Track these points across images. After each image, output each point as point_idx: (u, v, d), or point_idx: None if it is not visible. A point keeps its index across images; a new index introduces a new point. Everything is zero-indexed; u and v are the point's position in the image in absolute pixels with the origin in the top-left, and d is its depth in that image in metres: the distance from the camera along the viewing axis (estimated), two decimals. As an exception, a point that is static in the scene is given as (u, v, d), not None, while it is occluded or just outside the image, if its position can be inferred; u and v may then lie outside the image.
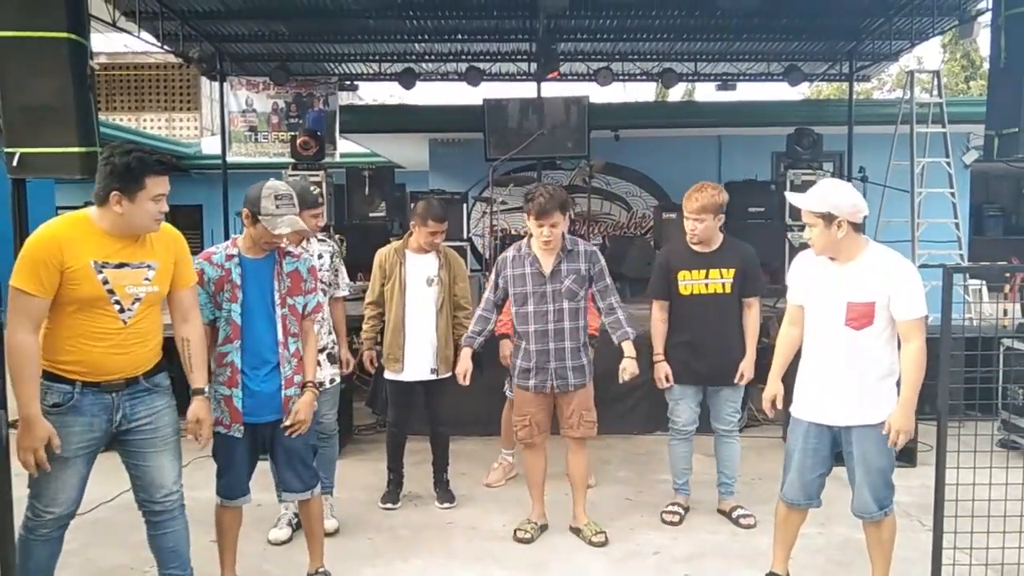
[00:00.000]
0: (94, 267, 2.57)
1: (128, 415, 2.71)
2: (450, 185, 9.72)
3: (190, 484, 4.33)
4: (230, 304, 3.04)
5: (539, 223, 3.64)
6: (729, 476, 4.14)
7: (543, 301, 3.72)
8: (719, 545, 3.79)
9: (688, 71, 10.50)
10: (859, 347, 2.95)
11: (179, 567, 2.88)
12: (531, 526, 3.88)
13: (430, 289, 4.25)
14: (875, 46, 9.56)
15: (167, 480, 2.79)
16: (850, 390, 2.98)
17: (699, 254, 3.98)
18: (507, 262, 3.81)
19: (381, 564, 3.61)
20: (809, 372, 3.11)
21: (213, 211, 11.23)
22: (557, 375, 3.74)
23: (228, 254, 3.09)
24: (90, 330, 2.60)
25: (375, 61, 10.47)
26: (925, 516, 3.76)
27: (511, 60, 10.33)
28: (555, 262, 3.72)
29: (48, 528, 2.66)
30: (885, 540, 3.10)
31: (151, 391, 2.76)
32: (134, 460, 2.77)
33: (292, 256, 3.20)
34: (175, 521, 2.84)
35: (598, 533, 3.80)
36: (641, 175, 11.39)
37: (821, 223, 2.92)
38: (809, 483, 3.12)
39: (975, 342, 4.48)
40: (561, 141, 8.64)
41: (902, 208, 8.75)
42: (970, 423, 3.31)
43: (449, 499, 4.35)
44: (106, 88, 17.52)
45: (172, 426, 2.82)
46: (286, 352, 3.10)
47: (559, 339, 3.72)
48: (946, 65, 20.36)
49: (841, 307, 2.95)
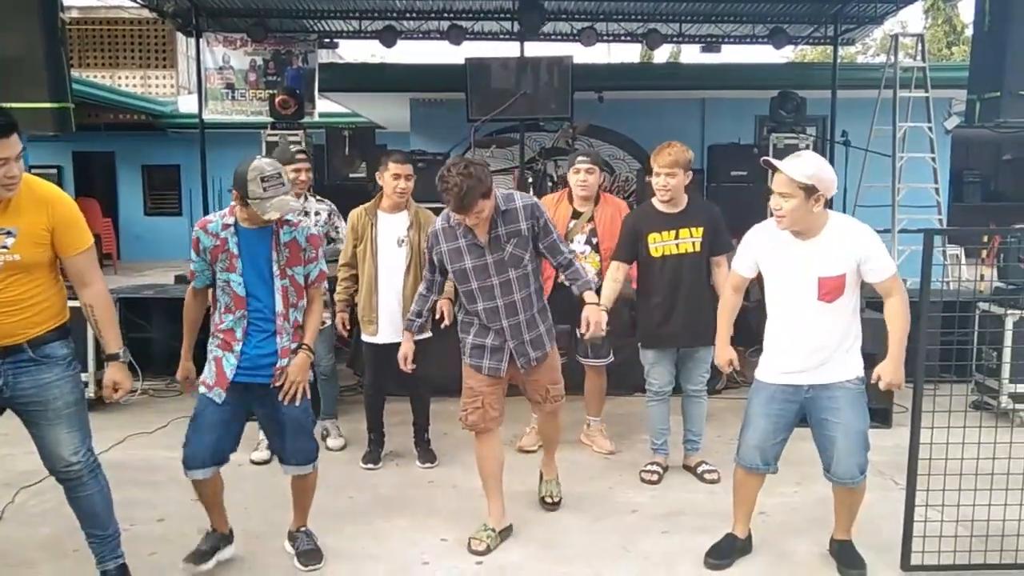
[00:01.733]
0: None
1: (11, 384, 2.65)
2: (431, 146, 9.64)
3: (169, 444, 4.34)
4: (228, 274, 2.98)
5: (461, 216, 3.17)
6: (696, 433, 4.23)
7: (486, 275, 3.27)
8: (697, 503, 3.84)
9: (673, 32, 10.39)
10: (830, 318, 2.97)
11: (97, 527, 2.87)
12: (487, 534, 3.37)
13: (400, 249, 4.21)
14: (860, 9, 9.51)
15: (64, 452, 2.73)
16: (824, 351, 2.99)
17: (667, 215, 3.98)
18: (438, 236, 3.34)
19: (363, 523, 3.63)
20: (777, 340, 3.09)
21: (191, 171, 11.08)
22: (517, 352, 3.37)
23: (224, 223, 3.00)
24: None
25: (355, 18, 10.27)
26: (899, 475, 3.84)
27: (494, 18, 10.17)
28: (490, 227, 3.24)
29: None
30: (856, 503, 3.15)
31: (39, 363, 2.67)
32: (30, 429, 2.75)
33: (290, 225, 3.08)
34: (85, 487, 2.80)
35: (551, 496, 3.75)
36: (624, 138, 11.35)
37: (802, 195, 2.85)
38: (769, 448, 3.12)
39: (952, 306, 4.53)
40: (544, 102, 8.55)
41: (883, 173, 8.79)
42: (945, 385, 3.36)
43: (430, 459, 4.37)
44: (79, 44, 17.10)
45: (65, 398, 2.72)
46: (286, 324, 3.03)
47: (511, 314, 3.31)
48: (929, 31, 20.33)
49: (813, 283, 2.94)
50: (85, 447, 2.79)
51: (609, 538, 3.49)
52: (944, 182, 9.37)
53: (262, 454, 4.31)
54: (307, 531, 3.31)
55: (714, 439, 4.59)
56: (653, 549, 3.40)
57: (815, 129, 9.84)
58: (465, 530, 3.50)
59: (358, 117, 13.37)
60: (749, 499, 3.27)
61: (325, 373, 4.61)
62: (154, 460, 4.28)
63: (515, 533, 3.52)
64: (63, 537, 3.33)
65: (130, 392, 2.88)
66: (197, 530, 3.28)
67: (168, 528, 3.51)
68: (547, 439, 3.86)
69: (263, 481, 4.02)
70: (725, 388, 5.67)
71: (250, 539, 3.41)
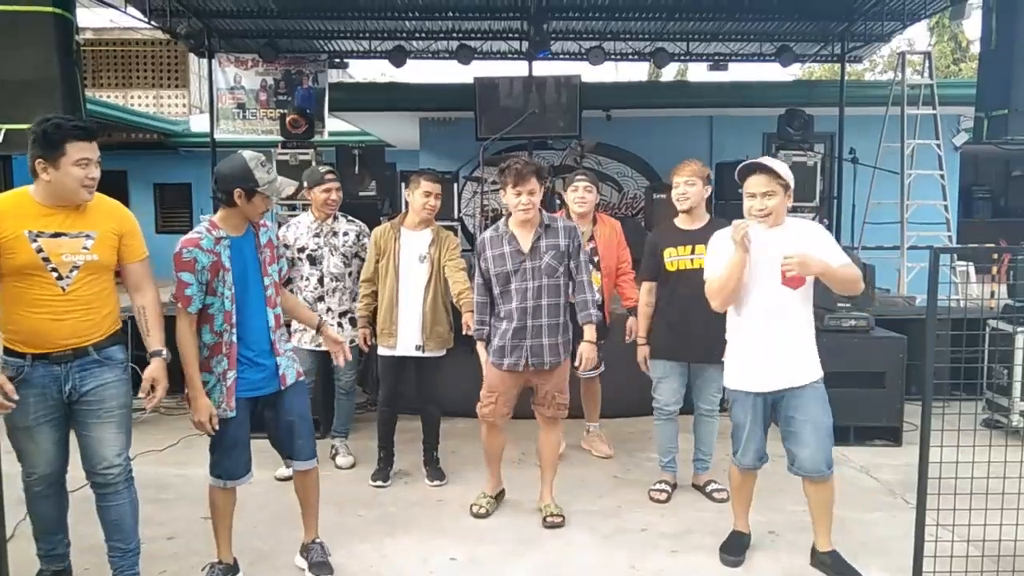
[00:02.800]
0: (28, 236, 2.69)
1: (77, 386, 2.80)
2: (441, 164, 9.66)
3: (179, 461, 4.35)
4: (223, 287, 3.01)
5: (516, 190, 3.61)
6: (705, 453, 4.24)
7: (523, 279, 3.68)
8: (706, 522, 3.83)
9: (680, 51, 10.43)
10: (793, 307, 3.20)
11: (121, 540, 2.95)
12: (486, 500, 3.94)
13: (422, 265, 4.27)
14: (867, 27, 9.54)
15: (108, 452, 2.86)
16: (790, 352, 3.21)
17: (685, 231, 4.06)
18: (486, 244, 3.77)
19: (372, 541, 3.63)
20: (744, 341, 3.30)
21: (202, 189, 11.16)
22: (532, 352, 3.69)
23: (216, 237, 3.01)
24: (30, 298, 2.72)
25: (365, 38, 10.36)
26: (909, 494, 3.82)
27: (503, 38, 10.24)
28: (533, 238, 3.69)
29: (39, 487, 2.88)
30: (828, 500, 3.33)
31: (101, 364, 2.84)
32: (79, 430, 2.86)
33: (263, 226, 3.20)
34: (119, 495, 2.91)
35: (553, 515, 3.81)
36: (632, 155, 11.37)
37: (782, 191, 3.16)
38: (760, 447, 3.38)
39: (961, 323, 4.51)
40: (552, 121, 8.60)
41: (892, 190, 8.78)
42: (955, 403, 3.35)
43: (439, 477, 4.38)
44: (92, 64, 17.31)
45: (118, 399, 2.88)
46: (268, 319, 3.13)
47: (536, 316, 3.68)
48: (935, 47, 20.34)
49: (776, 268, 3.14)
50: (127, 451, 2.93)
51: (618, 556, 3.48)
52: (953, 199, 9.34)
53: (347, 459, 4.62)
54: (320, 543, 3.36)
55: (724, 457, 4.54)
56: (662, 568, 3.39)
57: (823, 146, 9.84)
58: (474, 549, 3.51)
59: (368, 136, 13.45)
60: (748, 497, 3.53)
61: (345, 388, 4.70)
62: (165, 478, 4.28)
63: (525, 551, 3.53)
64: (73, 556, 3.34)
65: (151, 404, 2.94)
66: (206, 548, 3.28)
67: (178, 546, 3.52)
68: (544, 459, 3.95)
69: (270, 500, 4.02)
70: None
71: (258, 557, 3.41)
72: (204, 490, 3.19)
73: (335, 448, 4.70)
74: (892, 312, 5.86)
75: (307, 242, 4.56)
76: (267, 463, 3.95)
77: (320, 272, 4.55)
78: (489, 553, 3.52)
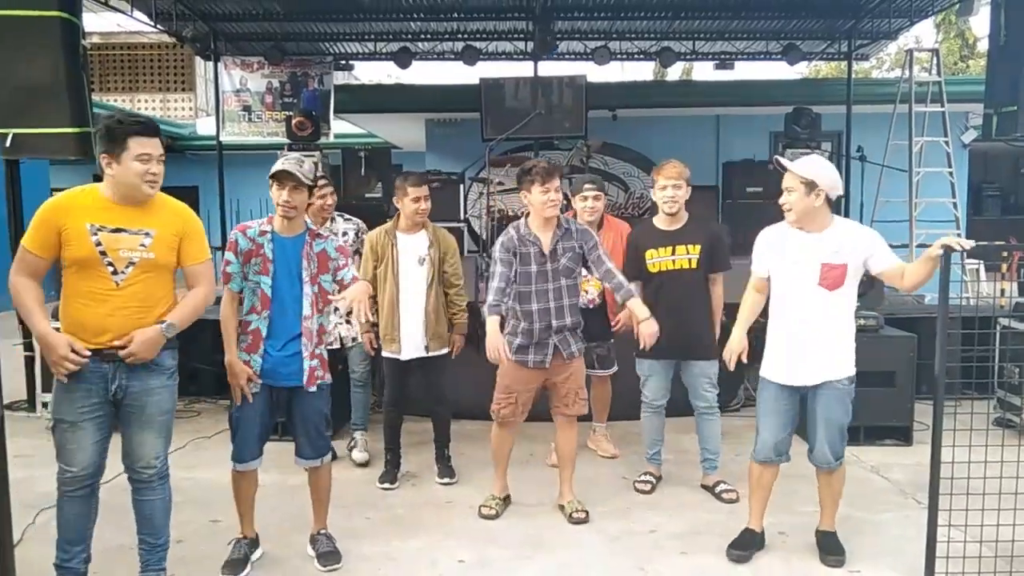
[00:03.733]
0: (89, 229, 2.75)
1: (124, 386, 2.84)
2: (447, 166, 9.68)
3: (187, 464, 4.35)
4: (259, 276, 3.23)
5: (544, 187, 3.66)
6: (712, 452, 4.25)
7: (544, 280, 3.76)
8: (715, 524, 3.81)
9: (686, 50, 10.41)
10: (829, 308, 3.23)
11: (151, 535, 3.03)
12: (495, 501, 3.95)
13: (421, 268, 4.29)
14: (874, 24, 9.49)
15: (147, 454, 2.93)
16: (820, 349, 3.24)
17: (665, 232, 4.15)
18: (514, 240, 3.80)
19: (380, 543, 3.62)
20: (780, 336, 3.33)
21: (209, 192, 11.18)
22: (562, 345, 3.78)
23: (262, 230, 3.27)
24: (86, 289, 2.77)
25: (370, 40, 10.38)
26: (920, 494, 3.79)
27: (508, 39, 10.24)
28: (553, 241, 3.76)
29: (71, 487, 2.87)
30: (837, 489, 3.42)
31: (150, 369, 2.87)
32: (122, 428, 2.94)
33: (320, 238, 3.36)
34: (153, 491, 2.99)
35: (578, 511, 3.84)
36: (639, 155, 11.35)
37: (803, 189, 3.19)
38: (780, 441, 3.38)
39: (972, 322, 4.48)
40: (558, 121, 8.59)
41: (900, 188, 8.74)
42: (967, 402, 3.32)
43: (450, 475, 4.41)
44: (99, 68, 17.39)
45: (162, 406, 2.93)
46: (311, 326, 3.27)
47: (560, 316, 3.76)
48: (942, 44, 20.23)
49: (815, 269, 3.21)
50: (165, 452, 3.01)
51: (626, 558, 3.46)
52: (962, 196, 9.29)
53: (362, 455, 4.69)
54: (327, 534, 3.47)
55: (732, 458, 4.55)
56: (671, 570, 3.37)
57: (830, 144, 9.80)
58: (483, 551, 3.50)
59: (374, 137, 13.47)
60: (766, 493, 3.49)
61: (360, 380, 4.81)
62: (173, 481, 4.25)
63: (533, 553, 3.52)
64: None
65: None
66: (214, 551, 3.29)
67: (186, 550, 3.52)
68: (563, 457, 3.98)
69: (282, 502, 4.02)
70: (743, 406, 5.63)
71: (268, 560, 3.42)
72: (212, 493, 3.21)
73: (354, 440, 4.81)
74: (902, 311, 5.82)
75: None
76: (279, 467, 3.95)
77: None
78: (497, 555, 3.51)
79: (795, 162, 3.28)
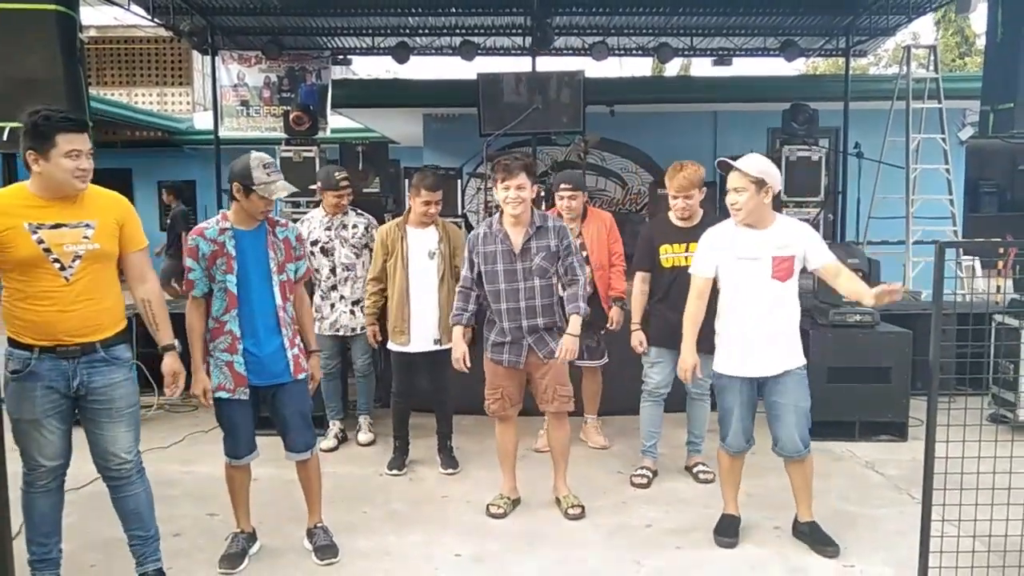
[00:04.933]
0: (28, 228, 2.68)
1: (85, 383, 2.80)
2: (445, 161, 9.68)
3: (184, 458, 4.35)
4: (225, 275, 3.16)
5: (505, 184, 3.61)
6: (697, 436, 4.38)
7: (514, 279, 3.70)
8: (711, 519, 3.81)
9: (684, 46, 10.41)
10: (782, 298, 3.35)
11: (140, 528, 3.00)
12: (503, 501, 3.90)
13: (431, 262, 4.36)
14: (872, 21, 9.50)
15: (120, 449, 2.89)
16: (777, 339, 3.36)
17: (681, 229, 4.18)
18: (479, 239, 3.76)
19: (376, 537, 3.63)
20: (736, 330, 3.42)
21: (206, 187, 11.19)
22: (538, 345, 3.74)
23: (221, 228, 3.20)
24: (35, 291, 2.71)
25: (368, 35, 10.37)
26: (914, 489, 3.81)
27: (506, 34, 10.23)
28: (524, 238, 3.69)
29: (43, 480, 2.83)
30: (809, 475, 3.51)
31: (109, 363, 2.83)
32: (89, 427, 2.87)
33: (281, 225, 3.33)
34: (133, 485, 2.96)
35: (574, 506, 3.83)
36: (637, 151, 11.35)
37: (753, 188, 3.29)
38: (748, 429, 3.50)
39: (967, 318, 4.50)
40: (556, 116, 8.58)
41: (897, 184, 8.75)
42: (961, 398, 3.33)
43: (452, 465, 4.47)
44: (96, 62, 17.32)
45: (128, 399, 2.90)
46: (286, 316, 3.27)
47: (532, 316, 3.71)
48: (940, 41, 20.25)
49: (768, 262, 3.33)
50: (136, 447, 2.97)
51: (623, 553, 3.48)
52: (959, 193, 9.30)
53: (367, 435, 4.93)
54: (323, 527, 3.47)
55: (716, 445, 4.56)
56: (667, 565, 3.38)
57: (827, 141, 9.81)
58: (479, 545, 3.51)
59: (371, 132, 13.45)
60: (737, 480, 3.64)
61: (362, 372, 4.99)
62: (169, 475, 4.28)
63: (529, 548, 3.53)
64: (81, 552, 3.36)
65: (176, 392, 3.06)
66: (212, 544, 3.30)
67: (183, 543, 3.53)
68: (556, 452, 3.97)
69: (277, 497, 4.03)
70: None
71: (264, 552, 3.43)
72: (209, 487, 3.22)
73: (359, 424, 5.00)
74: (897, 307, 5.83)
75: (319, 235, 4.82)
76: (273, 460, 3.95)
77: (332, 263, 4.82)
78: (494, 549, 3.52)
79: (741, 161, 3.34)
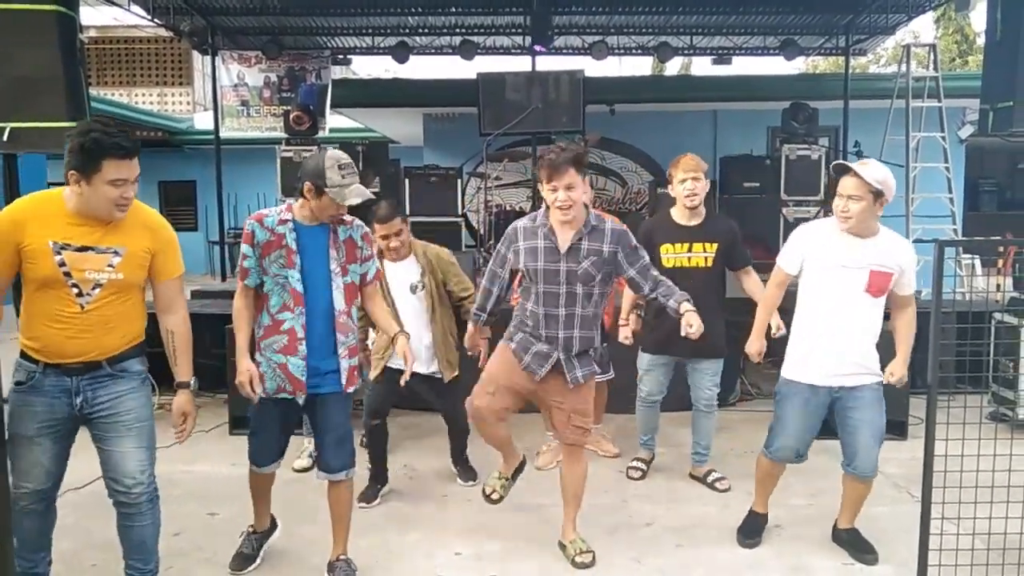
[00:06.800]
0: (52, 248, 2.51)
1: (89, 400, 2.63)
2: (444, 160, 9.69)
3: (185, 458, 4.34)
4: (287, 270, 2.95)
5: (551, 184, 3.09)
6: (703, 447, 4.30)
7: (555, 281, 3.17)
8: (710, 517, 3.83)
9: (684, 45, 10.42)
10: (871, 313, 3.21)
11: (140, 560, 2.81)
12: (499, 482, 3.54)
13: (415, 296, 4.03)
14: (872, 19, 9.51)
15: (131, 468, 2.68)
16: (857, 352, 3.22)
17: (683, 228, 4.05)
18: (518, 233, 3.25)
19: (377, 536, 3.63)
20: (815, 336, 3.27)
21: (207, 186, 11.19)
22: (567, 367, 3.24)
23: (282, 219, 2.97)
24: (49, 311, 2.56)
25: (368, 35, 10.38)
26: (914, 488, 3.81)
27: (505, 33, 10.25)
28: (574, 237, 3.15)
29: (26, 501, 2.64)
30: (864, 495, 3.40)
31: (115, 376, 2.66)
32: (98, 446, 2.71)
33: (346, 224, 3.06)
34: (143, 516, 2.75)
35: (583, 553, 3.37)
36: (636, 150, 11.37)
37: (870, 198, 3.11)
38: (806, 443, 3.35)
39: (967, 316, 4.50)
40: (556, 116, 8.58)
41: (897, 183, 8.73)
42: (960, 396, 3.34)
43: (472, 477, 4.27)
44: (97, 62, 17.36)
45: (136, 411, 2.69)
46: (349, 321, 3.05)
47: (568, 326, 3.20)
48: (940, 40, 20.23)
49: (864, 274, 3.17)
50: (151, 468, 2.76)
51: (623, 552, 3.48)
52: (958, 192, 9.31)
53: (303, 462, 4.42)
54: (346, 560, 3.20)
55: (727, 451, 4.58)
56: (667, 563, 3.39)
57: (827, 140, 9.82)
58: (480, 545, 3.51)
59: (371, 132, 13.47)
60: (772, 486, 3.53)
61: None
62: (171, 475, 4.27)
63: (530, 548, 3.52)
64: (81, 552, 3.37)
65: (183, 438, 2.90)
66: (212, 544, 3.30)
67: (184, 542, 3.53)
68: (568, 491, 3.47)
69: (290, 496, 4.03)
70: (739, 400, 5.65)
71: (272, 553, 3.44)
72: (211, 487, 3.21)
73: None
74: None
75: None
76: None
77: None
78: (494, 548, 3.52)
79: (862, 168, 3.15)
